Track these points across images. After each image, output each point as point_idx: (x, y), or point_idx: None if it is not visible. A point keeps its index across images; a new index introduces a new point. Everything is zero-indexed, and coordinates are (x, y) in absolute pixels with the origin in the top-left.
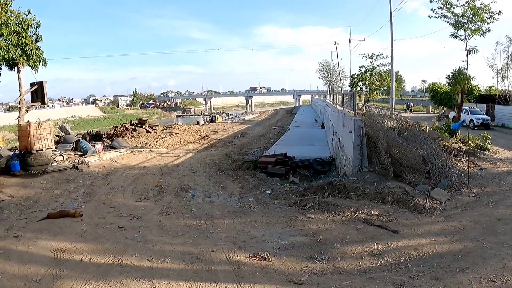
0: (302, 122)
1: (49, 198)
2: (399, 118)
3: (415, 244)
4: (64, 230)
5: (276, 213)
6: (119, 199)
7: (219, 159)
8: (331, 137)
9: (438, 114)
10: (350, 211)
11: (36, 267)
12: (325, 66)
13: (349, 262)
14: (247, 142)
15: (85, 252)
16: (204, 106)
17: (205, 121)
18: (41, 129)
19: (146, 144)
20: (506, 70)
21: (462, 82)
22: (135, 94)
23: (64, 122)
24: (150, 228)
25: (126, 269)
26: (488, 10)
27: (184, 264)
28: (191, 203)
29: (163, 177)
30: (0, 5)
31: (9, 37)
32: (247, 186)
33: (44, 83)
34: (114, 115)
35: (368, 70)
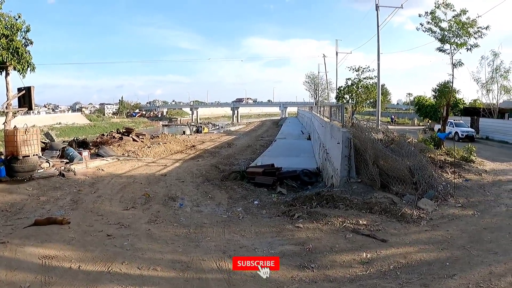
0: (288, 133)
1: (36, 205)
2: (386, 130)
3: (403, 252)
4: (51, 237)
5: (265, 222)
6: (106, 207)
7: (206, 169)
8: (317, 149)
9: (424, 126)
10: (338, 221)
11: (24, 273)
12: (312, 78)
13: (339, 270)
14: (234, 152)
15: (73, 260)
16: (191, 116)
17: (191, 131)
18: (28, 135)
19: (133, 153)
20: (491, 83)
21: (448, 95)
22: (121, 103)
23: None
24: (139, 236)
25: (116, 277)
26: (474, 25)
27: (175, 272)
28: (179, 212)
29: (151, 186)
30: None
31: None
32: (235, 196)
33: (32, 89)
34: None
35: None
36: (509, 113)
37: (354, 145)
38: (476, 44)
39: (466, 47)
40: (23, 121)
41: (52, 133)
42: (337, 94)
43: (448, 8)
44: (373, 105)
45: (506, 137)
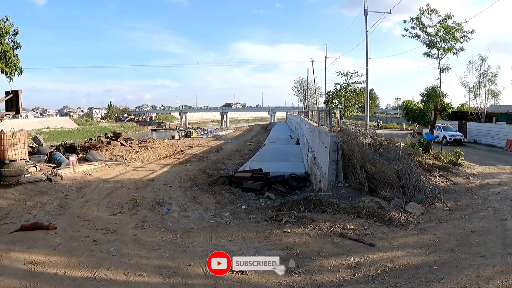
0: (277, 138)
1: (22, 209)
2: (374, 134)
3: (391, 257)
4: (37, 243)
5: (252, 227)
6: (93, 213)
7: (194, 174)
8: (306, 153)
9: (412, 131)
10: (326, 225)
11: (9, 279)
12: (300, 83)
13: (326, 275)
14: (222, 157)
15: (59, 265)
16: (179, 120)
17: (180, 136)
18: (15, 139)
19: (121, 157)
20: (478, 88)
21: (435, 99)
22: (110, 107)
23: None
24: (125, 242)
25: (102, 282)
26: (461, 30)
27: (161, 278)
28: (167, 217)
29: (138, 191)
30: None
31: None
32: (223, 201)
33: (19, 92)
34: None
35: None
36: (497, 117)
37: (342, 149)
38: (462, 48)
39: (452, 51)
40: (11, 125)
41: (40, 137)
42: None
43: (433, 13)
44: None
45: (494, 141)
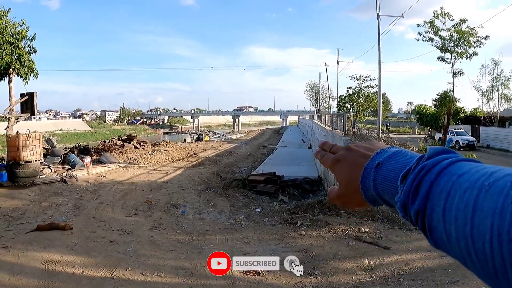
0: (289, 142)
1: (37, 210)
2: (388, 139)
3: (406, 259)
4: (54, 243)
5: (267, 230)
6: (108, 214)
7: (208, 177)
8: None
9: (424, 135)
10: (341, 228)
11: (27, 278)
12: (312, 87)
13: (342, 277)
14: (235, 161)
15: (77, 265)
16: (192, 124)
17: (192, 139)
18: (30, 140)
19: (134, 160)
20: (491, 92)
21: (448, 104)
22: (122, 110)
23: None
24: (142, 243)
25: (120, 282)
26: (474, 34)
27: (179, 279)
28: (182, 219)
29: (152, 193)
30: None
31: (3, 46)
32: (237, 204)
33: (34, 94)
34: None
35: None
36: (510, 122)
37: None
38: (475, 53)
39: (466, 56)
40: (25, 127)
41: (53, 139)
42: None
43: (447, 17)
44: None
45: (507, 145)
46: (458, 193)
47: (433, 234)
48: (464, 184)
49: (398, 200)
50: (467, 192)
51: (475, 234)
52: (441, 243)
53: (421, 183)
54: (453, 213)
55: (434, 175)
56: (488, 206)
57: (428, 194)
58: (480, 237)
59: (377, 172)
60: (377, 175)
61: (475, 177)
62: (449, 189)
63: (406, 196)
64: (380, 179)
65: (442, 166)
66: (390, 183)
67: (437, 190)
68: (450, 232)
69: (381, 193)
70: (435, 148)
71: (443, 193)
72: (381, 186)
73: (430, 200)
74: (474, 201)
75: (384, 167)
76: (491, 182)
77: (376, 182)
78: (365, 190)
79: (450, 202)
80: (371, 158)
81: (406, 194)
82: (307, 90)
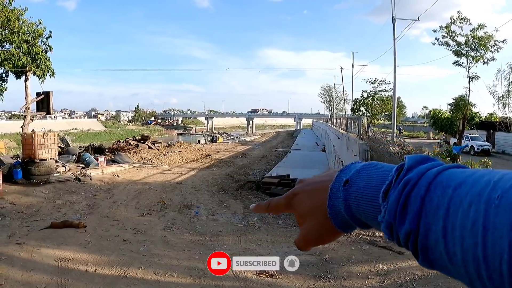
0: (303, 145)
1: (51, 208)
2: (402, 143)
3: (419, 265)
4: (68, 240)
5: (281, 232)
6: (122, 213)
7: (221, 178)
8: (333, 161)
9: (439, 140)
10: (355, 233)
11: (40, 275)
12: (327, 90)
13: (355, 281)
14: (249, 163)
15: (90, 263)
16: (205, 125)
17: (206, 141)
18: (46, 138)
19: (148, 160)
20: (507, 97)
21: (464, 108)
22: (137, 110)
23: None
24: (155, 242)
25: (132, 281)
26: (491, 39)
27: (191, 279)
28: (195, 220)
29: (166, 193)
30: (15, 12)
31: (20, 45)
32: None
33: (50, 94)
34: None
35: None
36: None
37: (370, 157)
38: (493, 58)
39: (482, 61)
40: (40, 125)
41: (68, 138)
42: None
43: (464, 22)
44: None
45: None
46: (460, 209)
47: (429, 255)
48: (466, 198)
49: (382, 220)
50: (472, 207)
51: (490, 255)
52: (439, 264)
53: (408, 199)
54: (457, 232)
55: (423, 190)
56: (502, 223)
57: (420, 212)
58: (495, 258)
59: (348, 191)
60: (348, 194)
61: (477, 189)
62: (447, 205)
63: (392, 216)
64: (353, 198)
65: (429, 177)
66: (366, 202)
67: (431, 207)
68: (454, 253)
69: (356, 214)
70: (414, 157)
71: (440, 210)
72: (355, 207)
73: (424, 218)
74: (483, 218)
75: (355, 184)
76: (500, 194)
77: (349, 202)
78: (335, 215)
79: (452, 220)
80: (336, 177)
81: (391, 214)
82: (321, 93)
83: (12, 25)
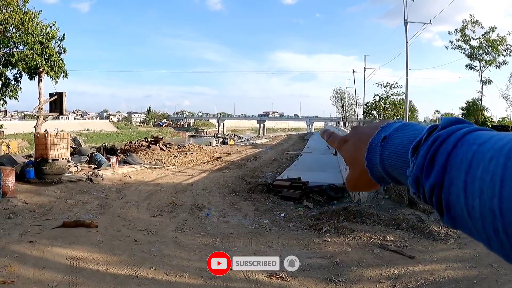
0: (314, 148)
1: (63, 207)
2: None
3: (431, 269)
4: (79, 240)
5: (292, 235)
6: (133, 214)
7: (233, 180)
8: (344, 164)
9: None
10: (366, 236)
11: (51, 273)
12: (339, 94)
13: (366, 284)
14: (260, 165)
15: (101, 262)
16: (217, 127)
17: (217, 143)
18: (58, 139)
19: (160, 161)
20: None
21: (476, 113)
22: (149, 112)
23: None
24: (166, 243)
25: (143, 281)
26: (504, 42)
27: (202, 280)
28: (206, 221)
29: (177, 195)
30: (29, 14)
31: (34, 46)
32: (262, 208)
33: (63, 94)
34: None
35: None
36: None
37: None
38: (505, 61)
39: (495, 64)
40: (53, 126)
41: (80, 139)
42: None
43: (477, 25)
44: None
45: None
46: (482, 163)
47: (451, 211)
48: (488, 152)
49: (410, 175)
50: (492, 161)
51: (505, 208)
52: (460, 221)
53: (436, 154)
54: (476, 185)
55: (450, 146)
56: None
57: (445, 166)
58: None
59: (384, 147)
60: (383, 150)
61: (499, 145)
62: (470, 160)
63: (419, 170)
64: (387, 154)
65: (457, 136)
66: (398, 158)
67: (455, 162)
68: (473, 207)
69: (389, 169)
70: (448, 119)
71: (463, 164)
72: (388, 162)
73: (448, 172)
74: (502, 171)
75: (391, 141)
76: None
77: (383, 157)
78: (371, 167)
79: (472, 174)
80: (376, 133)
81: (419, 168)
82: (333, 97)
83: (26, 27)
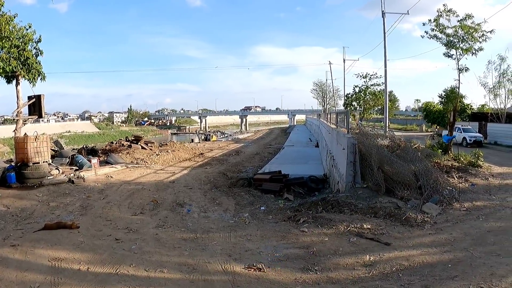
0: (296, 141)
1: (45, 210)
2: (392, 136)
3: (406, 255)
4: (61, 241)
5: (270, 227)
6: (115, 213)
7: (214, 176)
8: (325, 156)
9: (432, 132)
10: (343, 225)
11: (34, 274)
12: (319, 86)
13: (342, 272)
14: (242, 160)
15: (82, 262)
16: (199, 124)
17: (200, 139)
18: (38, 142)
19: (142, 160)
20: (498, 88)
21: (454, 100)
22: (130, 111)
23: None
24: (146, 240)
25: (124, 278)
26: (479, 29)
27: (181, 274)
28: (187, 218)
29: (159, 192)
30: (5, 18)
31: (10, 50)
32: (242, 202)
33: (42, 97)
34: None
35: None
36: None
37: (359, 150)
38: (481, 48)
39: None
40: (33, 129)
41: (62, 141)
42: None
43: (451, 14)
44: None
45: None
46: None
47: None
48: None
49: None
50: None
51: None
52: None
53: None
54: None
55: None
56: None
57: None
58: None
59: None
60: None
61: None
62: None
63: None
64: None
65: None
66: None
67: None
68: None
69: None
70: None
71: None
72: None
73: None
74: None
75: None
76: None
77: None
78: None
79: None
80: None
81: None
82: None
83: (2, 31)
